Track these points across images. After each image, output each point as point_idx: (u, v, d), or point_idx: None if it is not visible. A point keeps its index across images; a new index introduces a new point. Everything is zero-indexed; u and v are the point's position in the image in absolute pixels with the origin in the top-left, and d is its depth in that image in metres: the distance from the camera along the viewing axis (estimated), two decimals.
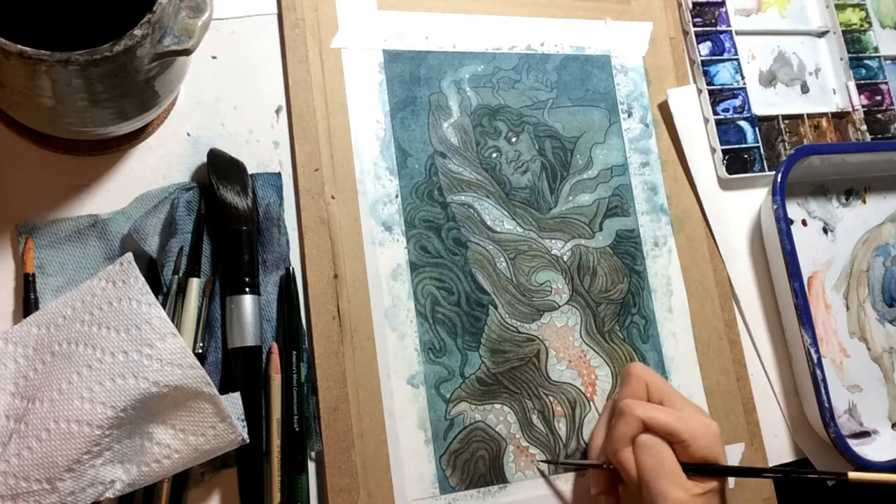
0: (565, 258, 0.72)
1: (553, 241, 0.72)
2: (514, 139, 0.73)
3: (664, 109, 0.78)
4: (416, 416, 0.64)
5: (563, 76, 0.75)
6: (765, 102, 0.83)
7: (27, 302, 0.57)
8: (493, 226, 0.70)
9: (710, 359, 0.73)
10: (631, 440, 0.61)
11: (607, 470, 0.64)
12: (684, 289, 0.74)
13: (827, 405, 0.70)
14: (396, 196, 0.68)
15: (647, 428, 0.61)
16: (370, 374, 0.64)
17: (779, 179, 0.74)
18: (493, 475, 0.65)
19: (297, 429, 0.60)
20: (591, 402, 0.69)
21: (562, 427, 0.68)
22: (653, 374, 0.65)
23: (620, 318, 0.72)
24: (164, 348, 0.53)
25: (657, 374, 0.66)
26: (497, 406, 0.67)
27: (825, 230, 0.81)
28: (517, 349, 0.68)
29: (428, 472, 0.64)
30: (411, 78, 0.71)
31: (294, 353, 0.61)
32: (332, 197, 0.66)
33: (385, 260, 0.66)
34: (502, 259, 0.70)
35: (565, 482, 0.67)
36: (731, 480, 0.70)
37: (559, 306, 0.70)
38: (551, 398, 0.68)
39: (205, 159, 0.63)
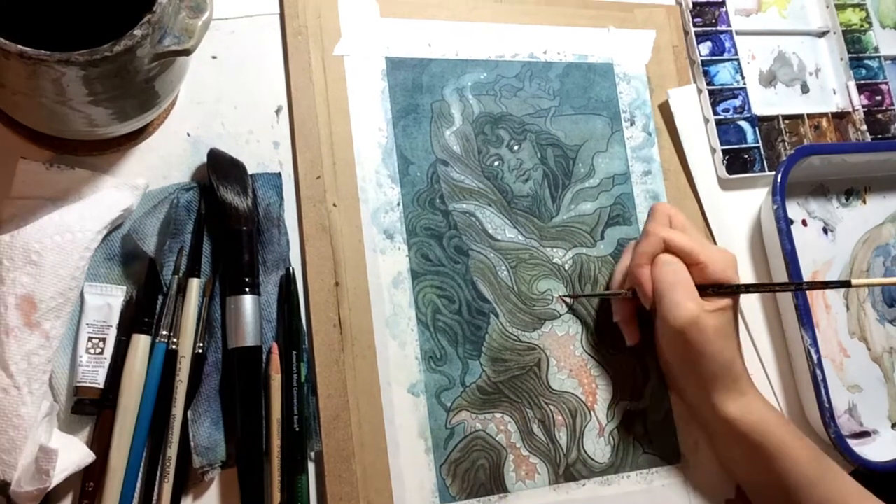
0: (567, 267, 0.71)
1: (554, 250, 0.71)
2: (516, 147, 0.72)
3: (665, 110, 0.78)
4: (417, 425, 0.64)
5: (566, 84, 0.75)
6: (765, 102, 0.83)
7: None
8: (494, 234, 0.70)
9: None
10: (651, 258, 0.65)
11: (628, 299, 0.68)
12: None
13: (827, 405, 0.70)
14: (398, 204, 0.68)
15: (668, 248, 0.65)
16: (371, 383, 0.63)
17: (779, 179, 0.73)
18: (494, 484, 0.64)
19: (297, 429, 0.59)
20: (592, 412, 0.68)
21: (562, 436, 0.67)
22: (676, 210, 0.68)
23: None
24: None
25: (681, 212, 0.68)
26: (498, 415, 0.66)
27: (825, 230, 0.81)
28: (518, 358, 0.68)
29: (428, 481, 0.63)
30: (414, 85, 0.71)
31: (294, 353, 0.61)
32: (334, 204, 0.66)
33: (386, 268, 0.66)
34: (504, 267, 0.69)
35: (566, 492, 0.66)
36: None
37: (560, 315, 0.70)
38: (552, 407, 0.67)
39: (205, 159, 0.63)
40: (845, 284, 0.66)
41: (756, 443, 0.64)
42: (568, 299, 0.70)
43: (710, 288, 0.64)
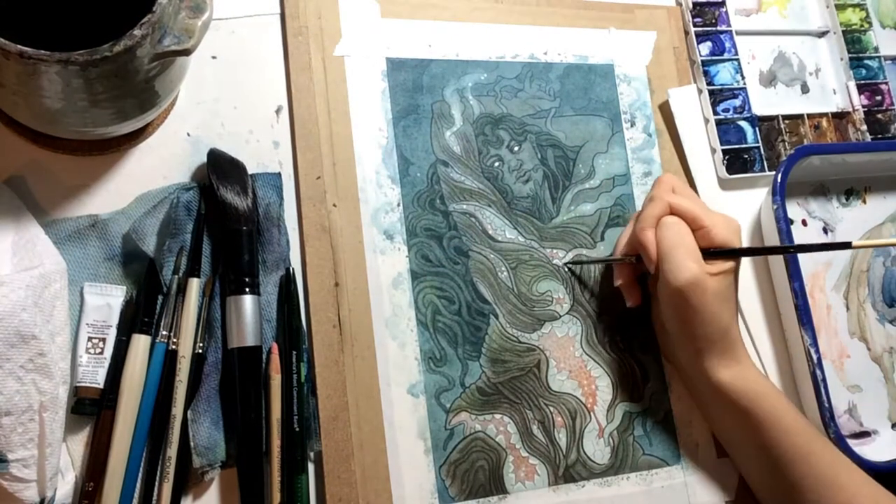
0: (567, 268, 0.71)
1: (554, 251, 0.71)
2: (516, 148, 0.72)
3: (665, 110, 0.78)
4: (416, 426, 0.64)
5: (566, 85, 0.75)
6: (765, 102, 0.83)
7: None
8: (494, 235, 0.70)
9: None
10: (656, 222, 0.65)
11: (630, 264, 0.69)
12: None
13: (827, 405, 0.70)
14: (398, 204, 0.68)
15: (673, 213, 0.66)
16: (370, 383, 0.63)
17: (779, 179, 0.73)
18: (493, 486, 0.64)
19: (297, 429, 0.59)
20: (592, 413, 0.68)
21: (562, 437, 0.67)
22: (681, 181, 0.69)
23: (621, 328, 0.71)
24: None
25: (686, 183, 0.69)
26: (497, 416, 0.66)
27: (825, 230, 0.81)
28: (518, 359, 0.68)
29: (427, 482, 0.63)
30: (414, 86, 0.71)
31: (294, 353, 0.61)
32: (334, 205, 0.66)
33: (386, 268, 0.66)
34: (503, 268, 0.69)
35: (566, 493, 0.66)
36: None
37: (560, 316, 0.70)
38: (552, 408, 0.67)
39: (205, 159, 0.63)
40: (846, 246, 0.64)
41: (746, 410, 0.65)
42: (573, 265, 0.71)
43: (710, 250, 0.65)
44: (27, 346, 0.52)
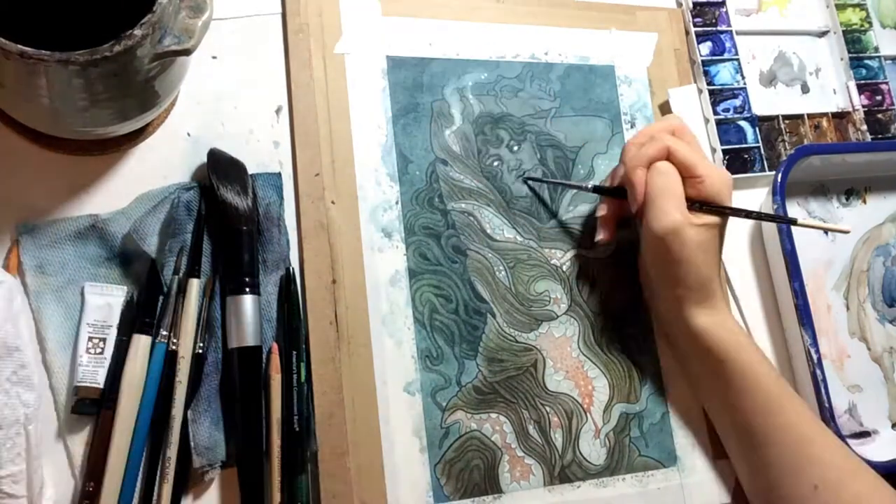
0: (565, 268, 0.71)
1: (553, 251, 0.71)
2: (515, 148, 0.72)
3: (665, 110, 0.78)
4: (412, 424, 0.64)
5: (567, 85, 0.75)
6: (765, 102, 0.83)
7: None
8: (492, 234, 0.70)
9: None
10: (651, 162, 0.65)
11: (618, 200, 0.69)
12: None
13: (827, 405, 0.70)
14: (397, 202, 0.68)
15: (669, 157, 0.65)
16: (366, 381, 0.63)
17: (779, 179, 0.74)
18: (488, 485, 0.65)
19: (297, 429, 0.59)
20: (588, 413, 0.69)
21: (558, 438, 0.67)
22: (685, 125, 0.68)
23: (618, 329, 0.71)
24: None
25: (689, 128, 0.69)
26: (493, 415, 0.66)
27: (825, 230, 0.81)
28: (514, 358, 0.68)
29: (422, 480, 0.63)
30: (414, 84, 0.71)
31: (294, 353, 0.61)
32: (332, 202, 0.66)
33: (384, 266, 0.66)
34: (501, 268, 0.69)
35: (561, 493, 0.66)
36: None
37: (557, 316, 0.70)
38: (548, 408, 0.68)
39: (205, 159, 0.63)
40: (792, 221, 0.67)
41: (721, 358, 0.65)
42: (533, 182, 0.72)
43: (696, 203, 0.65)
44: (11, 358, 0.52)
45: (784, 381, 0.66)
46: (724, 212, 0.66)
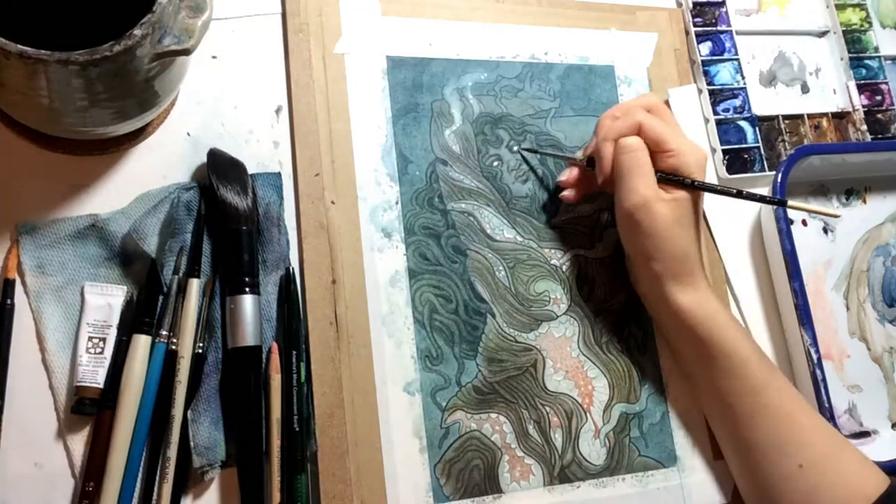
0: (564, 268, 0.71)
1: (553, 251, 0.71)
2: (515, 148, 0.72)
3: None
4: (412, 424, 0.64)
5: (567, 86, 0.75)
6: (765, 102, 0.83)
7: (2, 307, 0.57)
8: (492, 234, 0.70)
9: None
10: (618, 136, 0.65)
11: (583, 167, 0.69)
12: None
13: (827, 405, 0.70)
14: (396, 202, 0.68)
15: (641, 132, 0.65)
16: (366, 381, 0.63)
17: (779, 179, 0.74)
18: (488, 485, 0.65)
19: (297, 429, 0.59)
20: (588, 413, 0.69)
21: (558, 438, 0.67)
22: (662, 105, 0.69)
23: (618, 329, 0.71)
24: None
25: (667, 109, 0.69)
26: (493, 415, 0.66)
27: (825, 230, 0.81)
28: (514, 358, 0.68)
29: (422, 480, 0.63)
30: (414, 84, 0.71)
31: (294, 352, 0.61)
32: (332, 202, 0.66)
33: (384, 266, 0.66)
34: (501, 268, 0.69)
35: (561, 493, 0.66)
36: None
37: (557, 316, 0.70)
38: (548, 408, 0.68)
39: (205, 159, 0.63)
40: (782, 203, 0.67)
41: (704, 337, 0.65)
42: (526, 152, 0.72)
43: (662, 174, 0.65)
44: None
45: (768, 360, 0.66)
46: (690, 186, 0.65)
